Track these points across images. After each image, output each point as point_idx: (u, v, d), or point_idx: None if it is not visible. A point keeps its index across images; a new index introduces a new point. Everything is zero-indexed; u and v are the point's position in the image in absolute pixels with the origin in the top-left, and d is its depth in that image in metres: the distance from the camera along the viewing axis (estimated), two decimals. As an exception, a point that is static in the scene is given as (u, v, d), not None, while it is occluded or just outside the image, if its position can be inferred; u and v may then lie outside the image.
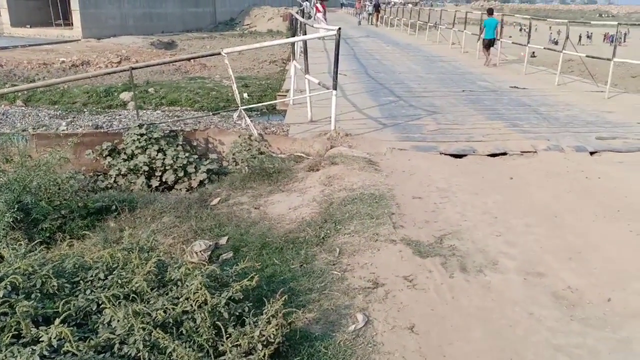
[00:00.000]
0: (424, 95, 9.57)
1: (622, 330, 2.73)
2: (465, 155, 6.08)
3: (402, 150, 6.13)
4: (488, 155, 6.08)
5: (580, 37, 46.40)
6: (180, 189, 5.93)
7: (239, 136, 6.52)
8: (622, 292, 3.04)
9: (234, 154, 6.34)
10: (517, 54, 16.15)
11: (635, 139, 6.69)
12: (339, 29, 6.39)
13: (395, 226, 3.84)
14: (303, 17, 16.89)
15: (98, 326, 2.51)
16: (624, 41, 45.85)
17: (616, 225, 3.94)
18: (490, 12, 14.70)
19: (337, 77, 6.46)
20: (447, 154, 6.07)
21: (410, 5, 34.17)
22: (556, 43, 40.03)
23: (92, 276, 2.84)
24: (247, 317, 2.53)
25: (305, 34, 8.13)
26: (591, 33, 37.84)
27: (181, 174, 5.97)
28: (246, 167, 5.45)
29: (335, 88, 6.46)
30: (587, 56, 11.20)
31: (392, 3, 36.04)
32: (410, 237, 3.70)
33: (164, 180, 5.94)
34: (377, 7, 32.11)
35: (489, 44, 13.97)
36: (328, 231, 3.82)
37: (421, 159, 5.83)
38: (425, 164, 5.66)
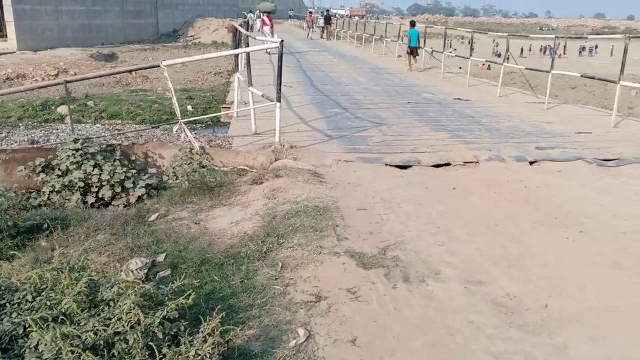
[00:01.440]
0: (370, 107, 9.76)
1: (559, 335, 2.85)
2: (410, 166, 6.23)
3: (347, 162, 6.21)
4: (432, 165, 6.25)
5: (522, 49, 48.62)
6: (117, 205, 5.77)
7: (180, 149, 6.41)
8: (558, 298, 3.18)
9: (174, 168, 6.23)
10: (473, 70, 16.94)
11: (572, 148, 7.05)
12: (282, 41, 6.45)
13: (339, 238, 3.87)
14: (248, 30, 16.93)
15: (24, 351, 2.42)
16: (564, 53, 48.54)
17: (553, 233, 4.13)
18: (412, 24, 16.67)
19: (280, 89, 6.50)
20: (392, 165, 6.20)
21: (356, 18, 34.86)
22: (499, 55, 41.87)
23: (19, 298, 2.73)
24: (182, 337, 2.48)
25: (248, 46, 8.13)
26: (532, 45, 39.78)
27: (118, 189, 5.81)
28: (186, 182, 5.36)
29: (279, 100, 6.49)
30: (526, 68, 11.76)
31: (338, 15, 36.71)
32: (354, 249, 3.74)
33: (100, 196, 5.77)
34: (327, 21, 32.52)
35: (413, 52, 16.12)
36: (270, 245, 3.81)
37: (367, 171, 5.92)
38: (371, 175, 5.75)
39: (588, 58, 44.85)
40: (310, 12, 39.95)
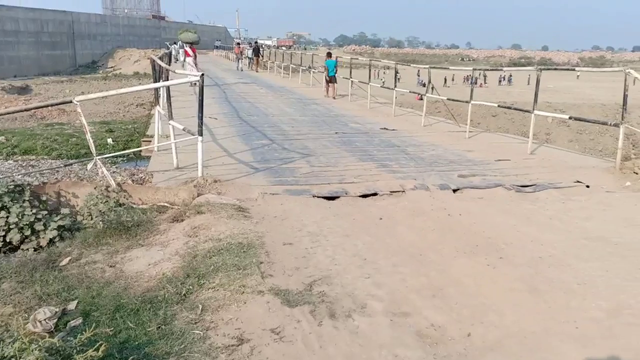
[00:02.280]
0: (298, 138, 9.85)
1: (481, 363, 2.94)
2: (337, 197, 6.30)
3: (274, 195, 6.20)
4: (360, 196, 6.36)
5: (445, 79, 51.13)
6: (27, 250, 5.41)
7: (95, 187, 6.16)
8: (480, 326, 3.28)
9: (89, 208, 5.95)
10: (409, 101, 17.72)
11: (493, 175, 7.42)
12: (202, 75, 6.43)
13: (263, 276, 3.82)
14: (171, 61, 16.77)
15: None
16: (485, 82, 51.47)
17: (475, 260, 4.28)
18: (329, 55, 18.48)
19: (202, 122, 6.45)
20: (320, 197, 6.25)
21: (284, 48, 35.39)
22: (424, 85, 43.72)
23: None
24: (89, 394, 2.33)
25: (168, 79, 8.02)
26: (454, 75, 41.93)
27: (28, 232, 5.46)
28: (101, 222, 5.13)
29: (200, 134, 6.42)
30: (448, 99, 12.35)
31: (264, 46, 37.10)
32: (279, 287, 3.70)
33: (8, 240, 5.40)
34: (256, 52, 32.65)
35: (331, 80, 17.67)
36: (190, 287, 3.69)
37: (294, 203, 5.93)
38: (298, 208, 5.76)
39: (507, 87, 47.85)
40: (239, 44, 40.11)
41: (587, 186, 6.93)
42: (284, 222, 5.23)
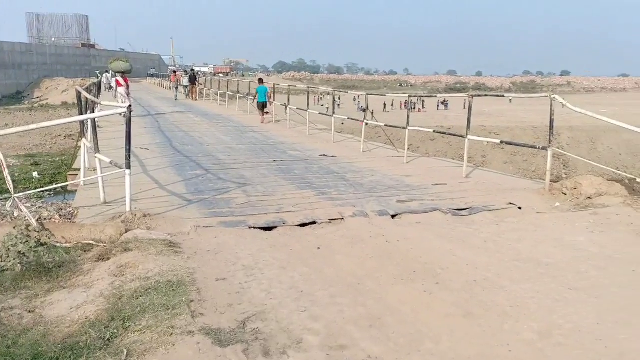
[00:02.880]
0: (234, 167, 9.77)
1: (419, 393, 2.94)
2: (275, 228, 6.26)
3: (208, 228, 6.08)
4: (298, 225, 6.34)
5: (384, 105, 52.49)
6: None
7: (15, 227, 5.83)
8: (417, 355, 3.29)
9: (7, 249, 5.62)
10: (351, 128, 18.03)
11: (430, 200, 7.60)
12: (130, 106, 6.32)
13: (194, 315, 3.70)
14: (100, 90, 16.39)
15: None
16: (423, 107, 53.29)
17: (412, 287, 4.34)
18: (260, 81, 19.50)
19: (129, 155, 6.29)
20: (256, 228, 6.19)
21: (221, 75, 35.29)
22: (364, 110, 44.68)
23: None
24: None
25: (94, 111, 7.80)
26: (394, 101, 43.12)
27: None
28: (19, 264, 4.84)
29: (128, 167, 6.25)
30: (386, 125, 12.64)
31: (200, 73, 36.82)
32: (211, 326, 3.59)
33: None
34: (193, 80, 32.26)
35: (262, 107, 18.53)
36: (115, 330, 3.52)
37: (229, 236, 5.83)
38: (233, 240, 5.67)
39: (444, 111, 49.71)
40: (175, 72, 39.56)
41: (519, 208, 7.22)
42: (217, 256, 5.12)
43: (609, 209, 6.69)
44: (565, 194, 7.64)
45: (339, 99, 54.34)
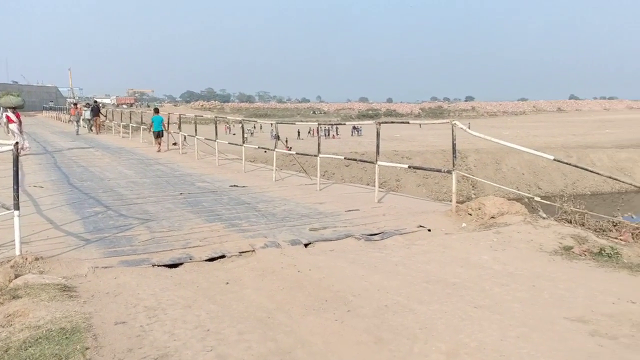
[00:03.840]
0: (137, 202, 9.46)
1: None
2: (181, 264, 6.09)
3: (107, 268, 5.81)
4: (206, 260, 6.21)
5: (298, 132, 53.14)
6: None
7: None
8: (328, 385, 3.30)
9: None
10: (265, 156, 18.05)
11: (343, 226, 7.74)
12: (17, 143, 5.99)
13: (89, 364, 3.50)
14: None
15: None
16: (337, 134, 54.55)
17: (323, 316, 4.36)
18: (156, 111, 20.67)
19: (18, 195, 5.93)
20: (160, 265, 6.00)
21: (124, 106, 34.34)
22: (278, 138, 45.09)
23: None
24: None
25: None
26: (310, 128, 43.85)
27: None
28: None
29: (17, 208, 5.88)
30: (297, 153, 12.79)
31: (101, 104, 35.50)
32: (108, 374, 3.41)
33: None
34: (96, 112, 30.96)
35: (157, 135, 19.57)
36: (-3, 389, 3.25)
37: (130, 275, 5.60)
38: (135, 280, 5.45)
39: (358, 137, 51.16)
40: (75, 104, 37.81)
41: (429, 230, 7.52)
42: (117, 299, 4.90)
43: (511, 227, 7.12)
44: (471, 215, 8.05)
45: (254, 127, 54.70)
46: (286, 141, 45.57)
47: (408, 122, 10.40)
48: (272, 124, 14.81)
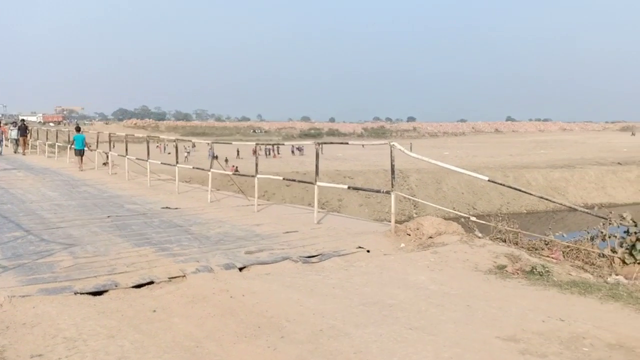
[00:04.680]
0: (61, 226, 9.10)
1: None
2: (106, 291, 5.87)
3: (25, 297, 5.51)
4: (133, 287, 6.01)
5: (238, 151, 52.76)
6: None
7: None
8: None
9: None
10: (201, 177, 17.75)
11: (280, 249, 7.69)
12: None
13: (-4, 403, 3.29)
14: None
15: None
16: (278, 153, 54.66)
17: (255, 344, 4.29)
18: (77, 129, 21.10)
19: None
20: (83, 293, 5.75)
21: (51, 125, 33.19)
22: (216, 157, 44.69)
23: None
24: None
25: None
26: (253, 147, 43.73)
27: None
28: None
29: None
30: (234, 174, 12.70)
31: (25, 122, 34.03)
32: (18, 413, 3.21)
33: None
34: (23, 131, 29.67)
35: (79, 154, 19.70)
36: None
37: (50, 305, 5.34)
38: (55, 309, 5.20)
39: (300, 157, 51.43)
40: (5, 123, 36.11)
41: (368, 251, 7.60)
42: (34, 330, 4.65)
43: (448, 247, 7.30)
44: (410, 235, 8.21)
45: (193, 146, 53.97)
46: (226, 161, 45.41)
47: (347, 143, 10.58)
48: (208, 143, 14.73)
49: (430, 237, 8.00)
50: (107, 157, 16.89)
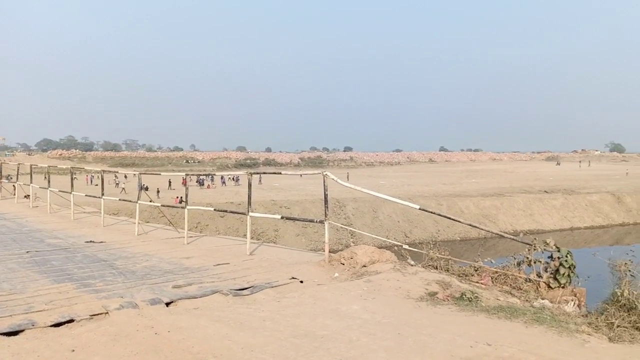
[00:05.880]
0: (-27, 264, 8.57)
1: None
2: (22, 331, 5.54)
3: None
4: (51, 325, 5.71)
5: (169, 182, 51.76)
6: None
7: None
8: None
9: None
10: (131, 209, 17.16)
11: (210, 282, 7.54)
12: None
13: None
14: None
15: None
16: (212, 183, 54.03)
17: (179, 381, 4.16)
18: None
19: None
20: (-5, 334, 5.41)
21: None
22: (146, 189, 43.65)
23: None
24: None
25: None
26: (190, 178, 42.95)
27: None
28: None
29: None
30: (162, 205, 12.41)
31: None
32: None
33: None
34: None
35: None
36: None
37: (-44, 349, 4.99)
38: (-38, 354, 4.86)
39: (236, 187, 51.00)
40: None
41: (301, 281, 7.57)
42: None
43: (381, 275, 7.39)
44: (344, 264, 8.25)
45: (125, 177, 52.41)
46: (158, 192, 44.34)
47: (280, 173, 10.58)
48: (135, 174, 14.27)
49: (364, 266, 8.07)
50: (13, 187, 16.13)
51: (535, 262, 7.10)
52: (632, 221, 50.70)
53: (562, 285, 6.72)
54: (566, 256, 6.74)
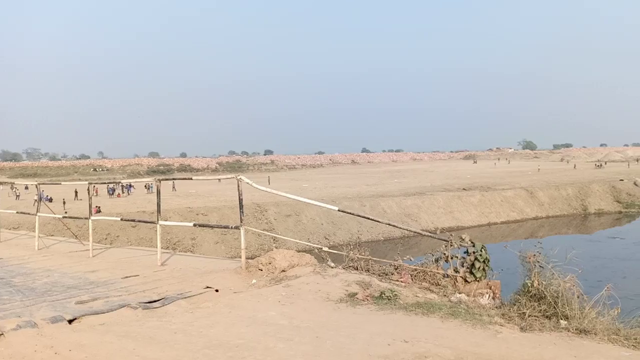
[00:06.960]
0: None
1: None
2: None
3: None
4: None
5: (76, 192, 49.59)
6: None
7: None
8: None
9: None
10: (32, 222, 16.12)
11: (118, 295, 7.24)
12: None
13: None
14: None
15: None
16: (123, 192, 52.41)
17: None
18: None
19: None
20: None
21: None
22: (51, 200, 41.58)
23: None
24: None
25: None
26: (95, 187, 41.28)
27: None
28: None
29: None
30: (63, 217, 11.85)
31: None
32: None
33: None
34: None
35: None
36: None
37: None
38: None
39: (149, 195, 49.61)
40: None
41: (217, 290, 7.42)
42: None
43: (300, 279, 7.38)
44: (262, 270, 8.19)
45: (26, 188, 49.71)
46: (63, 203, 42.32)
47: (191, 178, 10.33)
48: (35, 185, 13.48)
49: (283, 271, 8.04)
50: None
51: (452, 258, 7.34)
52: (544, 214, 53.86)
53: (477, 279, 6.98)
54: (480, 250, 7.01)
